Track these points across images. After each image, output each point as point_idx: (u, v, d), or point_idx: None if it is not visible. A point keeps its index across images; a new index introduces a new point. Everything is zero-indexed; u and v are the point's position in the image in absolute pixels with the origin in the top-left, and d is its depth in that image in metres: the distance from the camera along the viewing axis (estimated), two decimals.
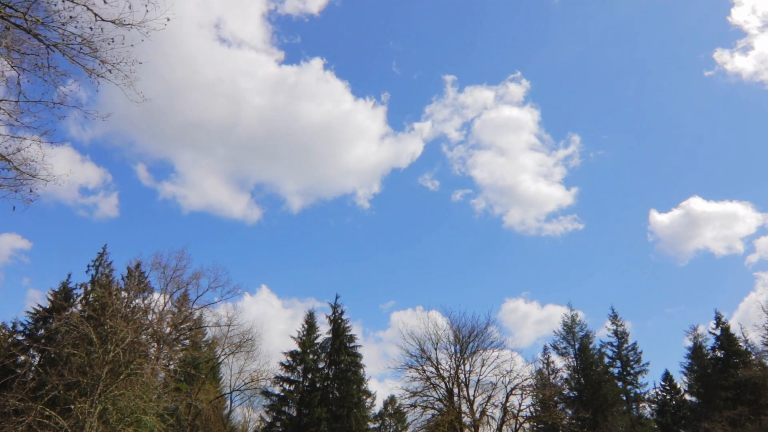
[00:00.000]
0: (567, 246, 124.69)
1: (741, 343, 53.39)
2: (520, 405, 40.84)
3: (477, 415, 40.26)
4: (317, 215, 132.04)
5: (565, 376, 59.07)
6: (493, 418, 40.99)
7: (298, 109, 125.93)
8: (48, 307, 43.88)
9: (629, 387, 57.22)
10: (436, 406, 41.09)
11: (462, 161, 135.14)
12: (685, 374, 56.65)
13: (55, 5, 11.48)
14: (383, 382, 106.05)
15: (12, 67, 12.36)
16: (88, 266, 46.71)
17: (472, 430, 39.46)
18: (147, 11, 11.64)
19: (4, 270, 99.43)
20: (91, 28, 11.43)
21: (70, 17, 11.26)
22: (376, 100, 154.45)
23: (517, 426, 40.72)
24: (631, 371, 57.76)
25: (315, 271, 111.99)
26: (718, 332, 54.46)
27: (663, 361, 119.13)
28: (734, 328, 54.34)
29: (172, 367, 42.84)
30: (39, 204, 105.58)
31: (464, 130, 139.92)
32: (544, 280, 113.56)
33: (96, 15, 11.48)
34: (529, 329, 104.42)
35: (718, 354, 53.68)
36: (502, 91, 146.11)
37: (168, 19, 11.80)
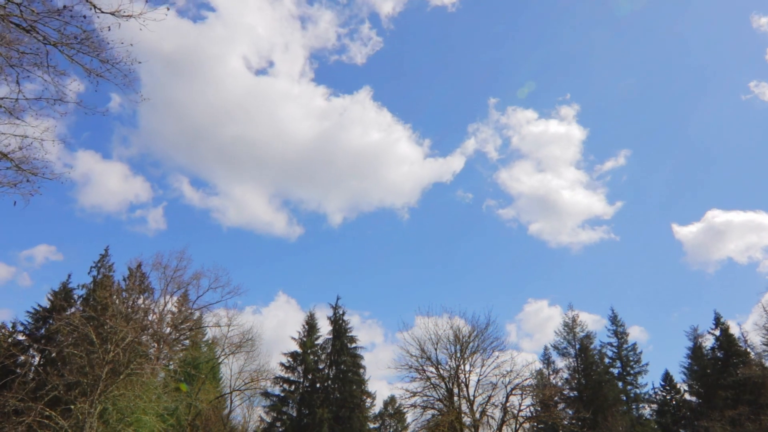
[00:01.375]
0: (600, 256, 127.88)
1: (741, 344, 53.41)
2: (520, 405, 40.83)
3: (477, 415, 40.23)
4: (357, 228, 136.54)
5: (565, 376, 59.09)
6: (493, 418, 40.97)
7: (344, 134, 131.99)
8: (48, 307, 43.96)
9: (629, 387, 57.26)
10: (436, 406, 41.05)
11: (503, 174, 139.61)
12: (685, 374, 56.71)
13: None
14: (393, 384, 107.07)
15: (12, 65, 12.43)
16: (91, 267, 46.85)
17: (472, 430, 39.42)
18: (147, 1, 11.70)
19: (36, 278, 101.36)
20: (84, 16, 11.45)
21: (64, 6, 11.28)
22: (422, 129, 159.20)
23: (517, 426, 40.68)
24: (631, 371, 57.82)
25: (348, 280, 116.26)
26: (717, 333, 54.51)
27: (666, 363, 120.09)
28: (747, 330, 54.38)
29: (172, 367, 42.88)
30: (86, 217, 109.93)
31: (506, 144, 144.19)
32: (572, 287, 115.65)
33: (94, 6, 11.53)
34: (551, 334, 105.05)
35: (718, 354, 53.68)
36: (553, 113, 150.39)
37: (168, 9, 11.86)
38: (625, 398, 56.65)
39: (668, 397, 56.61)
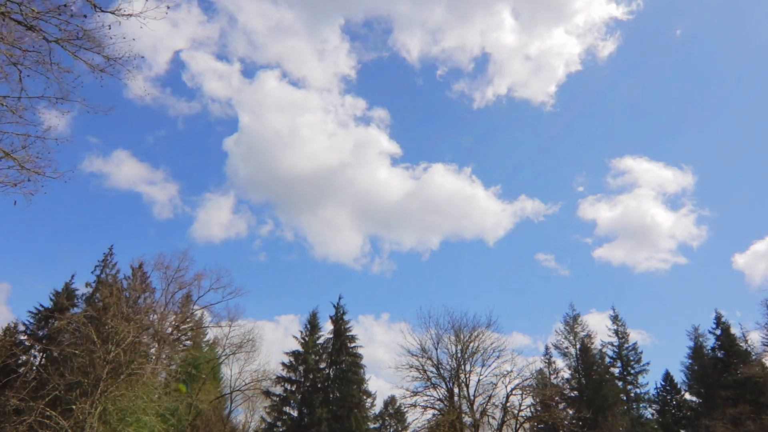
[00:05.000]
0: (675, 282, 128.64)
1: (741, 343, 53.32)
2: (520, 405, 40.88)
3: (477, 415, 40.25)
4: (446, 260, 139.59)
5: (566, 375, 59.07)
6: (493, 417, 41.03)
7: (435, 192, 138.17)
8: (50, 307, 43.95)
9: (630, 387, 57.18)
10: (436, 406, 41.07)
11: (594, 206, 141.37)
12: (686, 374, 56.62)
13: None
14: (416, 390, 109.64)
15: (14, 63, 12.46)
16: (95, 266, 46.82)
17: (473, 430, 39.45)
18: (146, 0, 11.76)
19: None
20: (85, 16, 11.51)
21: (65, 5, 11.34)
22: (515, 185, 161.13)
23: (517, 426, 40.69)
24: (632, 371, 57.73)
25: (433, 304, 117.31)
26: (718, 332, 54.39)
27: (668, 364, 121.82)
28: (748, 329, 54.16)
29: (173, 367, 42.87)
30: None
31: (600, 182, 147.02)
32: (647, 309, 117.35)
33: (94, 5, 11.59)
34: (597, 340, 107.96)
35: (719, 354, 53.62)
36: (653, 157, 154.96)
37: (168, 7, 11.92)
38: (625, 398, 56.61)
39: (668, 397, 56.56)
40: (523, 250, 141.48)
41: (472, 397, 40.76)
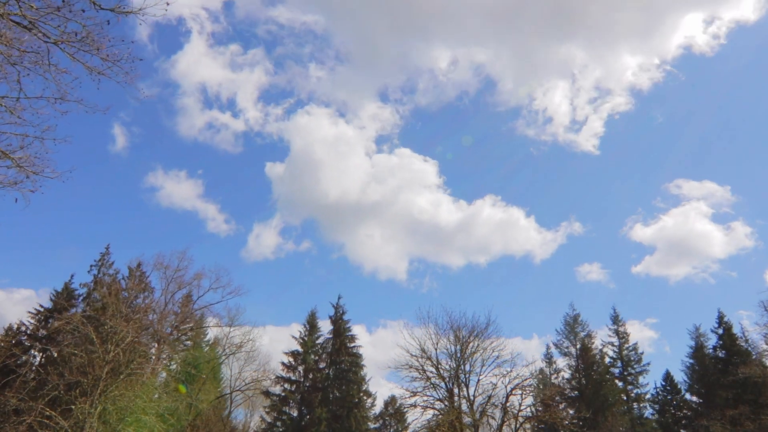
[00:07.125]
0: (719, 294, 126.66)
1: (742, 343, 53.23)
2: (520, 405, 40.82)
3: (477, 415, 40.23)
4: (493, 278, 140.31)
5: (566, 375, 59.08)
6: (493, 417, 40.99)
7: (481, 219, 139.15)
8: (50, 307, 43.94)
9: (630, 387, 57.15)
10: (436, 406, 41.02)
11: (642, 223, 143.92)
12: (687, 374, 56.57)
13: None
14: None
15: (12, 64, 12.44)
16: (91, 266, 46.76)
17: (472, 430, 39.43)
18: None
19: None
20: (83, 10, 11.47)
21: (64, 2, 11.32)
22: (573, 215, 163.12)
23: (517, 426, 40.65)
24: (632, 371, 57.70)
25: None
26: (720, 331, 54.25)
27: (669, 364, 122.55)
28: (748, 329, 54.03)
29: (173, 367, 42.91)
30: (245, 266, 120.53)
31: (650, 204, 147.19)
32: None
33: (94, 3, 11.56)
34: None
35: (720, 354, 53.55)
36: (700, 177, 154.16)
37: (168, 4, 11.89)
38: (625, 398, 56.60)
39: (669, 397, 56.52)
40: (569, 266, 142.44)
41: (471, 397, 40.74)
